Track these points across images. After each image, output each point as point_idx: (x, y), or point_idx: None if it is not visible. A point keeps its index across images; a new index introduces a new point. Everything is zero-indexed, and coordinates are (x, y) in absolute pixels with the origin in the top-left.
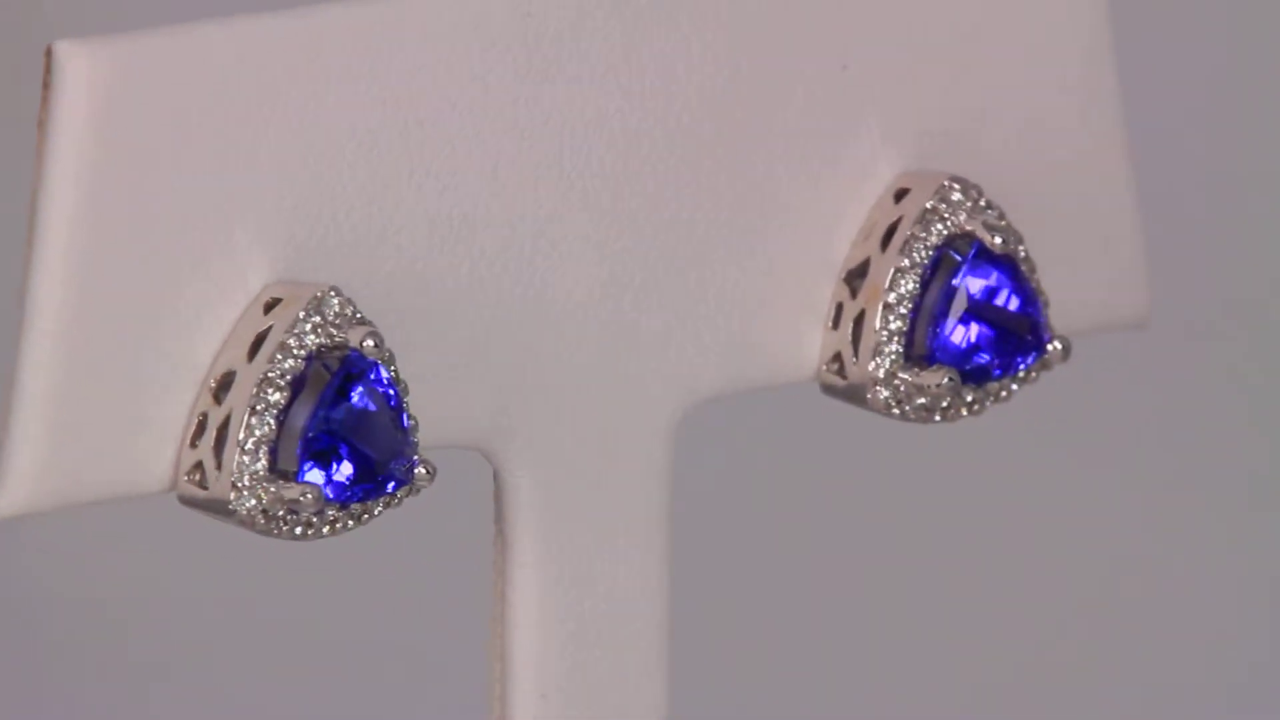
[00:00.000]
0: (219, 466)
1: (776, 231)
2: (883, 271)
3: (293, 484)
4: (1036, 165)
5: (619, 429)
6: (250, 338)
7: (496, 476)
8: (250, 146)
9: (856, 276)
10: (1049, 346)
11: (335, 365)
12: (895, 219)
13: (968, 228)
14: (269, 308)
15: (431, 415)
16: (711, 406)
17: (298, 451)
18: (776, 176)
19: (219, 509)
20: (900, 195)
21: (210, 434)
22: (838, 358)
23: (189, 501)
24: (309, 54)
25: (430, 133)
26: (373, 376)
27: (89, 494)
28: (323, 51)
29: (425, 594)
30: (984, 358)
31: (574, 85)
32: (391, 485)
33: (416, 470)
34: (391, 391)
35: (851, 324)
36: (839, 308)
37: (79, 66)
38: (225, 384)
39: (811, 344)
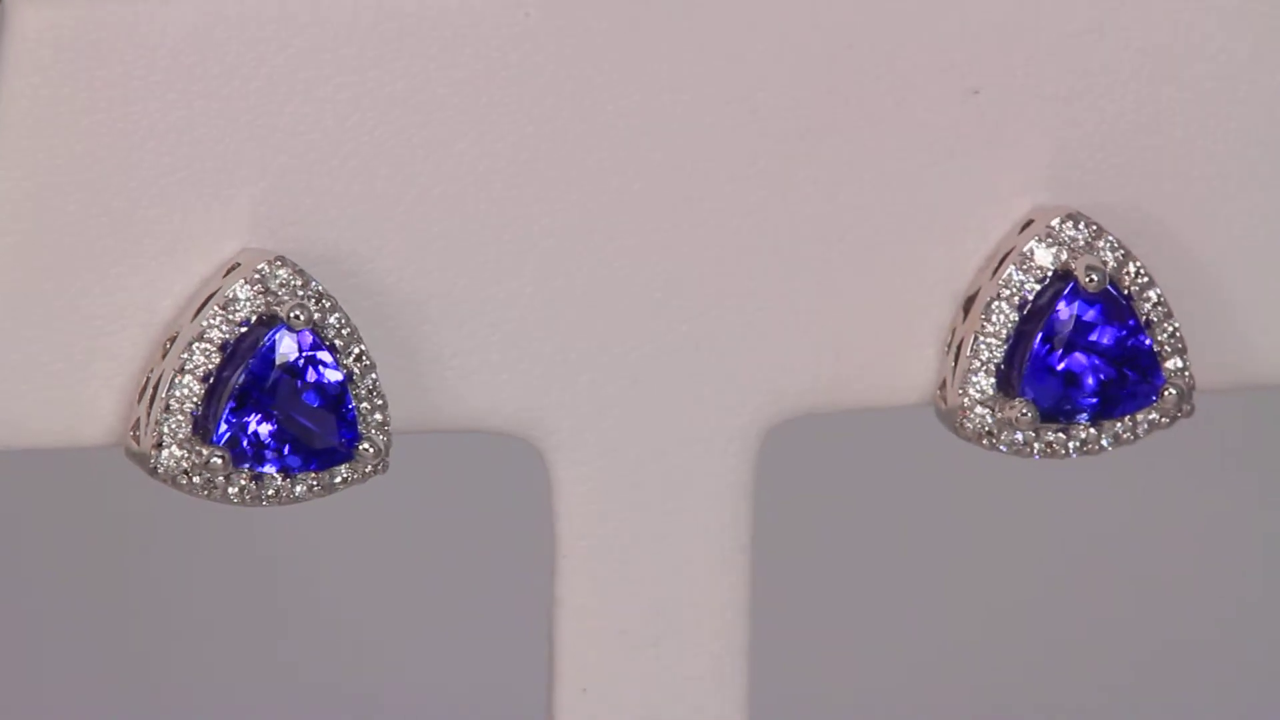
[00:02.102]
0: (149, 423)
1: (890, 252)
2: (983, 300)
3: (206, 445)
4: (1220, 208)
5: (683, 431)
6: (200, 301)
7: (545, 468)
8: (230, 115)
9: (970, 303)
10: (1164, 392)
11: (267, 333)
12: (1009, 249)
13: (1071, 265)
14: (229, 273)
15: (457, 398)
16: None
17: (222, 414)
18: (893, 196)
19: (144, 466)
20: (1025, 226)
21: (149, 391)
22: (944, 383)
23: (130, 456)
24: (301, 32)
25: (447, 116)
26: (302, 348)
27: (32, 440)
28: (321, 30)
29: (492, 583)
30: (1083, 397)
31: (635, 82)
32: (333, 459)
33: (360, 447)
34: (325, 364)
35: (955, 350)
36: (953, 333)
37: (26, 19)
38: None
39: (930, 368)
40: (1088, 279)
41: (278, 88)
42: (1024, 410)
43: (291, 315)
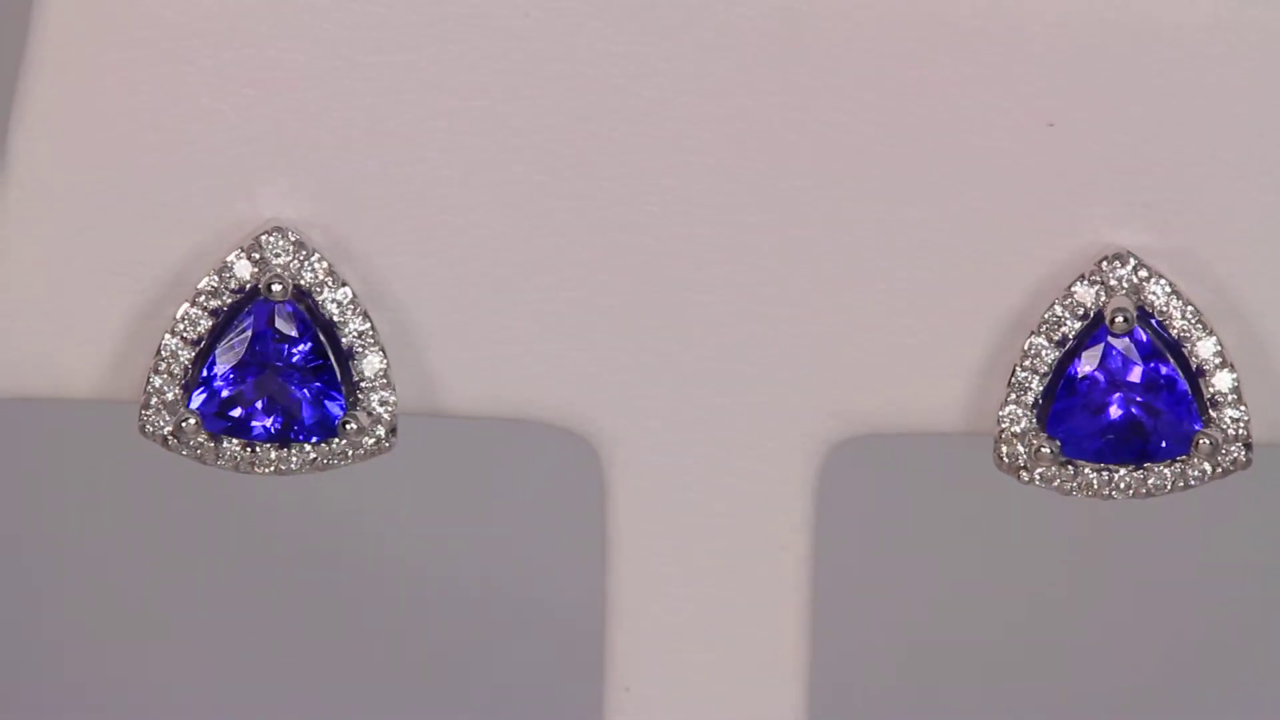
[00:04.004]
0: (144, 384)
1: (962, 280)
2: (1027, 335)
3: (182, 408)
4: None
5: (739, 437)
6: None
7: (600, 464)
8: (269, 86)
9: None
10: (1199, 440)
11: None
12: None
13: (1105, 304)
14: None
15: (505, 386)
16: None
17: (198, 378)
18: (967, 225)
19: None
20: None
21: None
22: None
23: None
24: (342, 5)
25: (494, 104)
26: (281, 319)
27: (73, 391)
28: (363, 6)
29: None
30: (1114, 437)
31: (698, 87)
32: (321, 433)
33: (346, 425)
34: (308, 337)
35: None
36: None
37: None
38: None
39: (995, 398)
40: (1113, 320)
41: (322, 59)
42: (1045, 446)
43: (270, 287)
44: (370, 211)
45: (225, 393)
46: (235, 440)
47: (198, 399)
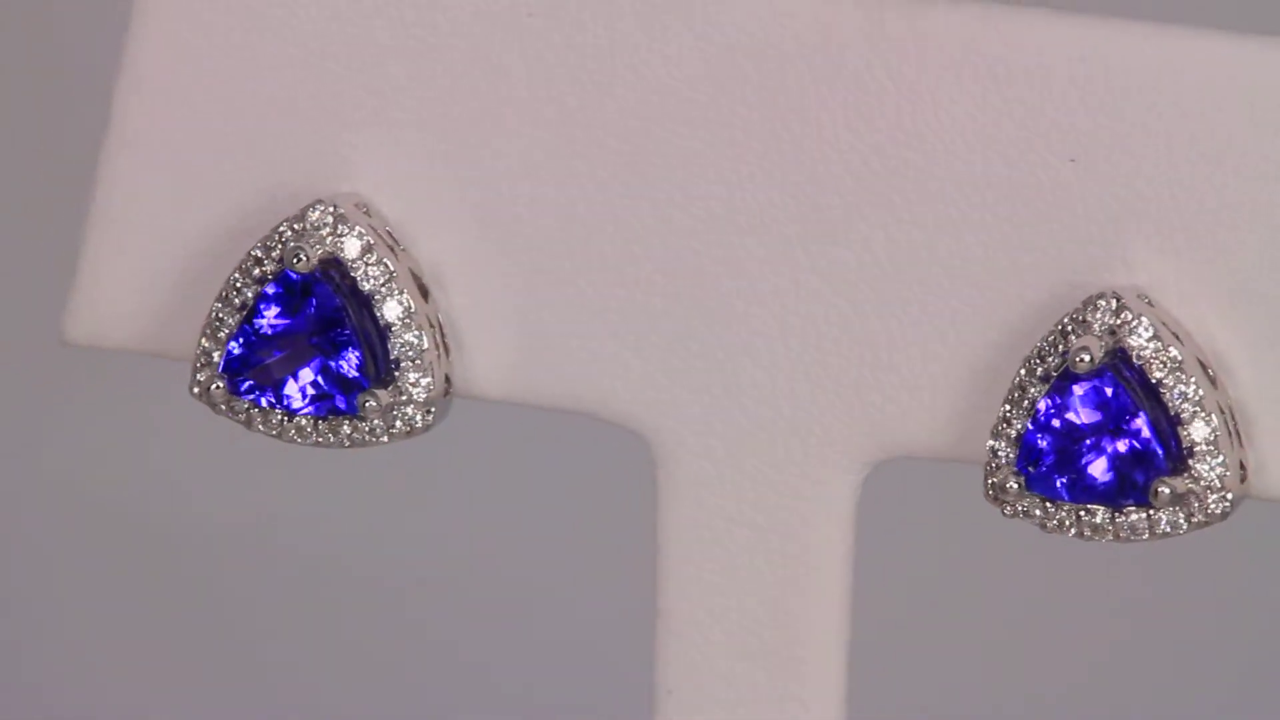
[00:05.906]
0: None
1: (990, 310)
2: (1017, 370)
3: (214, 373)
4: None
5: (785, 452)
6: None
7: (654, 467)
8: (350, 61)
9: None
10: (1156, 489)
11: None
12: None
13: (1078, 344)
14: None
15: (563, 379)
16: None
17: (226, 345)
18: (996, 252)
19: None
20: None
21: None
22: None
23: None
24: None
25: (553, 94)
26: (308, 292)
27: (151, 346)
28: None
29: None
30: (1074, 476)
31: (754, 110)
32: (347, 408)
33: (366, 403)
34: (333, 310)
35: None
36: None
37: None
38: None
39: None
40: (1076, 360)
41: (403, 38)
42: (1011, 480)
43: (295, 258)
44: (436, 194)
45: (259, 361)
46: (278, 409)
47: (231, 364)
